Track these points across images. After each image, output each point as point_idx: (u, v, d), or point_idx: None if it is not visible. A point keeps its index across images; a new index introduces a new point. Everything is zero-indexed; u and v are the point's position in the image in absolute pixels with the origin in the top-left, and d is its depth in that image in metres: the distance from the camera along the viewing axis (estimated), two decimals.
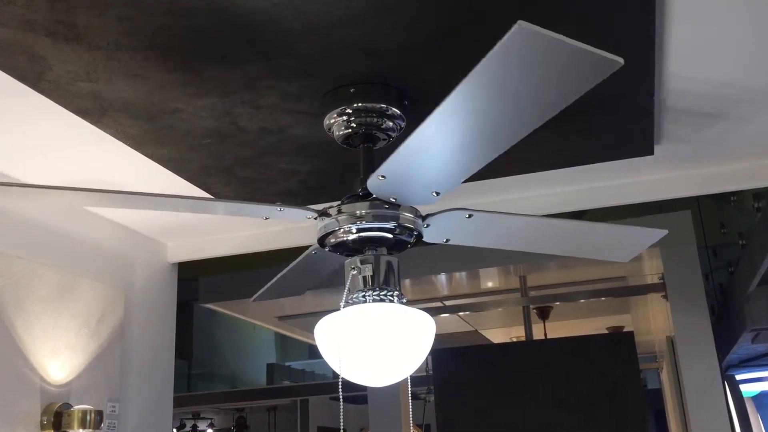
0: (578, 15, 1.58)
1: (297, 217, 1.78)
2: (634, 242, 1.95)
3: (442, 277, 4.88)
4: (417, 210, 1.71)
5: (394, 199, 1.64)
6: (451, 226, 1.77)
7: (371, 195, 1.67)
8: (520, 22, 1.06)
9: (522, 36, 1.08)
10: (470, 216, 1.71)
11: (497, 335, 7.03)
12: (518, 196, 2.78)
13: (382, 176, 1.52)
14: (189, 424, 10.73)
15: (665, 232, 1.87)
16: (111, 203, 2.16)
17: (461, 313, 5.70)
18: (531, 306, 5.49)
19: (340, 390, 1.62)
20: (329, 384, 9.64)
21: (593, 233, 1.91)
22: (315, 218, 1.75)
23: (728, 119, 2.23)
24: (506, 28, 1.08)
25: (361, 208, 1.68)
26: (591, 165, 2.50)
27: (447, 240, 1.82)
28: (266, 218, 1.77)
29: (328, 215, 1.73)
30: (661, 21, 1.66)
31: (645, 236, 1.91)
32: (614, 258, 2.05)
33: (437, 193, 1.57)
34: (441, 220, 1.73)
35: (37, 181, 2.45)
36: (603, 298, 5.42)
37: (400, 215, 1.69)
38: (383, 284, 1.70)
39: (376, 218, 1.68)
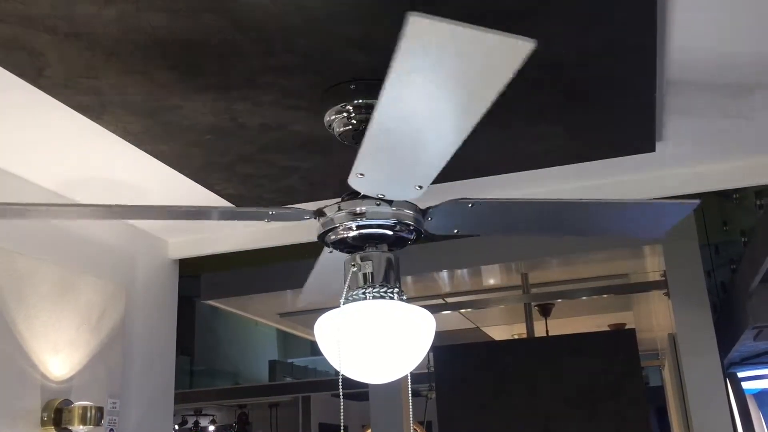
0: (579, 13, 1.58)
1: (291, 219, 1.78)
2: (662, 217, 1.81)
3: (444, 274, 4.88)
4: (417, 206, 1.71)
5: (382, 195, 1.64)
6: (456, 217, 1.74)
7: None
8: (410, 13, 1.02)
9: (417, 28, 1.04)
10: (472, 205, 1.68)
11: (499, 332, 7.03)
12: (520, 193, 2.78)
13: (360, 174, 1.51)
14: (191, 421, 10.74)
15: (697, 202, 1.71)
16: (110, 216, 2.17)
17: (463, 310, 5.70)
18: (533, 303, 5.49)
19: (340, 387, 1.62)
20: (331, 381, 9.64)
21: (615, 211, 1.81)
22: (312, 218, 1.75)
23: (730, 116, 2.23)
24: (505, 25, 1.07)
25: (360, 205, 1.68)
26: (593, 162, 2.49)
27: (456, 231, 1.80)
28: (268, 221, 1.77)
29: (324, 215, 1.72)
30: (662, 17, 1.66)
31: (674, 210, 1.76)
32: (644, 235, 1.95)
33: (420, 187, 1.56)
34: (443, 211, 1.71)
35: (38, 177, 2.45)
36: (605, 296, 5.41)
37: (400, 212, 1.69)
38: (383, 281, 1.70)
39: (376, 215, 1.68)
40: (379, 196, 1.64)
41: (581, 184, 2.74)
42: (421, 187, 1.55)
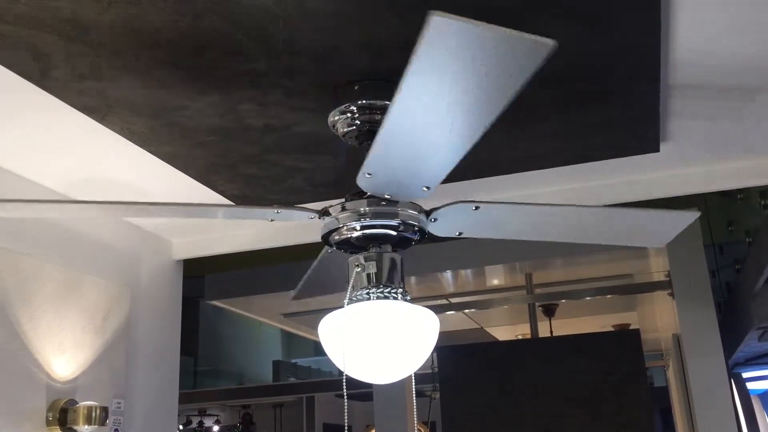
0: (583, 13, 1.58)
1: (297, 218, 1.78)
2: (665, 227, 1.83)
3: (448, 274, 4.88)
4: (421, 206, 1.71)
5: (389, 195, 1.64)
6: (460, 219, 1.74)
7: None
8: (432, 12, 1.01)
9: (440, 27, 1.03)
10: (477, 208, 1.68)
11: (503, 333, 7.02)
12: (524, 193, 2.78)
13: (369, 174, 1.50)
14: (195, 421, 10.77)
15: (698, 214, 1.79)
16: (115, 212, 2.16)
17: (467, 311, 5.69)
18: (537, 303, 5.48)
19: (344, 387, 1.62)
20: (335, 381, 9.65)
21: (617, 219, 1.83)
22: (317, 218, 1.75)
23: (734, 116, 2.22)
24: (511, 26, 1.07)
25: (364, 206, 1.68)
26: (597, 162, 2.49)
27: (460, 233, 1.79)
28: (272, 220, 1.77)
29: (329, 214, 1.72)
30: (666, 18, 1.66)
31: (676, 220, 1.79)
32: (644, 244, 2.02)
33: (427, 188, 1.56)
34: (448, 214, 1.71)
35: (40, 178, 2.45)
36: (609, 296, 5.40)
37: (404, 212, 1.69)
38: (387, 281, 1.70)
39: (380, 215, 1.68)
40: (386, 196, 1.64)
41: (585, 184, 2.74)
42: (428, 188, 1.55)
